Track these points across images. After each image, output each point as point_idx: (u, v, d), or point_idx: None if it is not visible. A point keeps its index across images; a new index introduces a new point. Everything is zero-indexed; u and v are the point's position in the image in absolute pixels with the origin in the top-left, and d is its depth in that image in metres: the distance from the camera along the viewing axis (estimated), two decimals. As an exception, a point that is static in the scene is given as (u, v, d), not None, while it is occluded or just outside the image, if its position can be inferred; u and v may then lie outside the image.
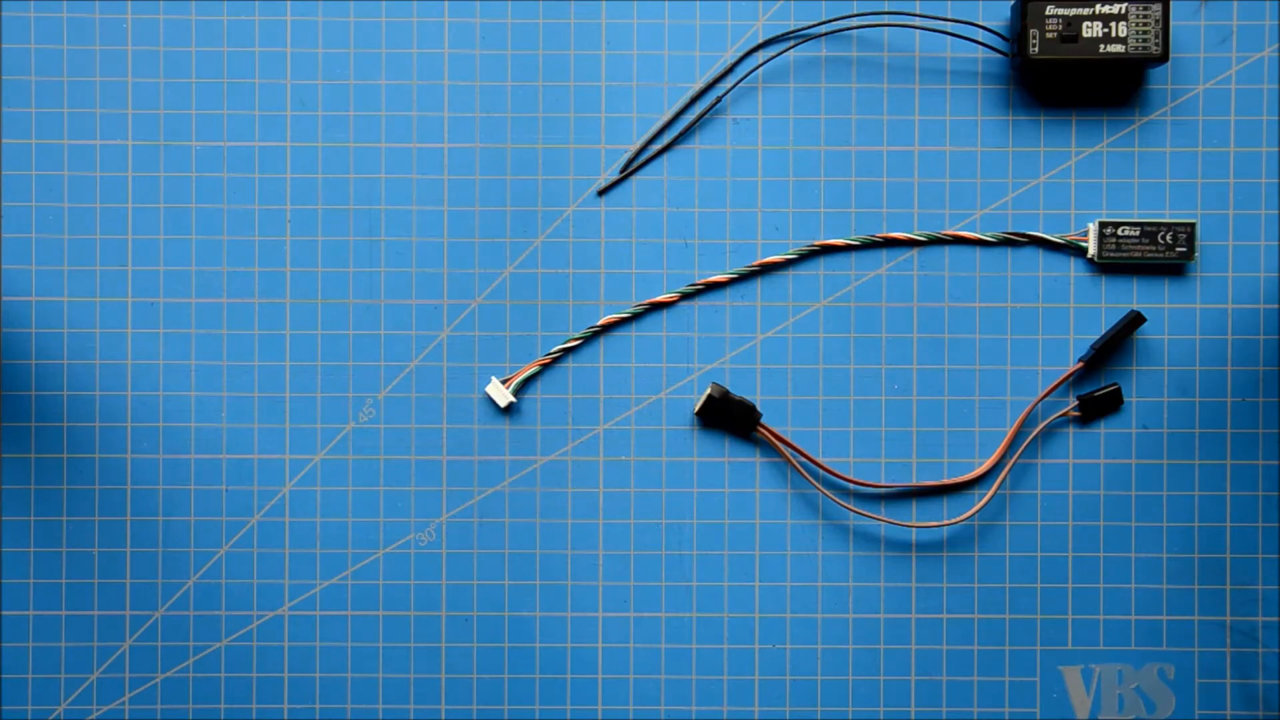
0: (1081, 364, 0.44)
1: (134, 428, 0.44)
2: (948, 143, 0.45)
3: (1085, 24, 0.43)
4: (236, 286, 0.44)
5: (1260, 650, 0.45)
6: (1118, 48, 0.43)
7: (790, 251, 0.45)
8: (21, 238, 0.44)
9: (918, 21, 0.44)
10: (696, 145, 0.45)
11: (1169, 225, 0.44)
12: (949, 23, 0.44)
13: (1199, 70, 0.45)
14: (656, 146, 0.45)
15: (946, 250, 0.45)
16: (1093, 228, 0.44)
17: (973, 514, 0.45)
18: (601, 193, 0.45)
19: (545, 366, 0.44)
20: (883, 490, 0.45)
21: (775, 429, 0.44)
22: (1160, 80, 0.45)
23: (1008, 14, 0.44)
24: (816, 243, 0.45)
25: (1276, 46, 0.44)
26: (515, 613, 0.45)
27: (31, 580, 0.44)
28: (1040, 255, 0.45)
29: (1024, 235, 0.45)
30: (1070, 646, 0.45)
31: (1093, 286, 0.45)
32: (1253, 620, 0.45)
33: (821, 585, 0.45)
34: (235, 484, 0.44)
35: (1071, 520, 0.45)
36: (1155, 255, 0.44)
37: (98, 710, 0.44)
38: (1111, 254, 0.44)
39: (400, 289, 0.44)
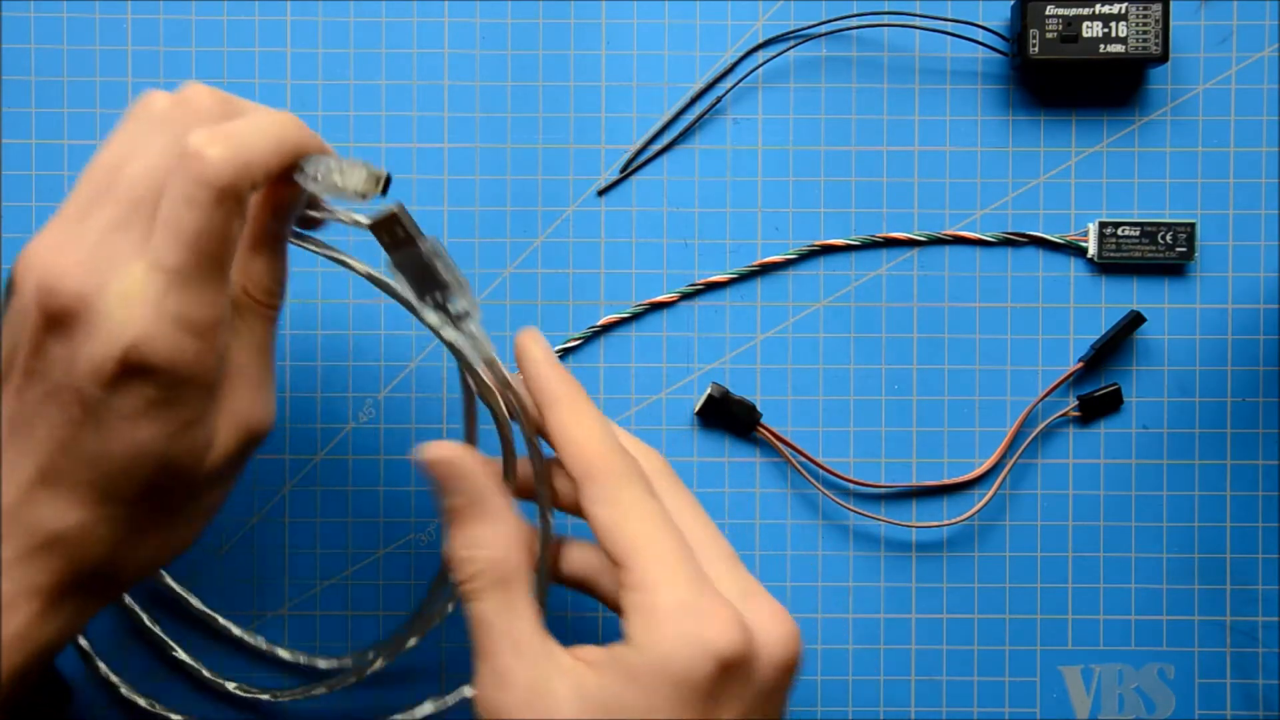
0: (1081, 364, 0.44)
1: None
2: (948, 143, 0.45)
3: (1085, 24, 0.43)
4: (236, 286, 0.44)
5: (1260, 650, 0.45)
6: (1118, 48, 0.43)
7: (790, 251, 0.45)
8: (22, 238, 0.44)
9: (918, 21, 0.44)
10: (696, 145, 0.45)
11: (1169, 225, 0.44)
12: (949, 23, 0.44)
13: (1199, 70, 0.45)
14: (656, 146, 0.45)
15: (946, 250, 0.45)
16: (1093, 228, 0.44)
17: (973, 514, 0.45)
18: (601, 193, 0.45)
19: (545, 366, 0.44)
20: (883, 490, 0.45)
21: (775, 429, 0.44)
22: (1160, 80, 0.45)
23: (1008, 14, 0.44)
24: (816, 243, 0.45)
25: (1276, 46, 0.44)
26: (515, 613, 0.45)
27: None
28: (1040, 255, 0.45)
29: (1024, 235, 0.45)
30: (1070, 646, 0.45)
31: (1093, 286, 0.45)
32: (1253, 620, 0.45)
33: (821, 585, 0.45)
34: (235, 484, 0.44)
35: (1071, 520, 0.45)
36: (1155, 255, 0.44)
37: None
38: (1111, 254, 0.44)
39: (400, 289, 0.44)
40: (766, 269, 0.45)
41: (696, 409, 0.44)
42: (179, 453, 0.32)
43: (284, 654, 0.44)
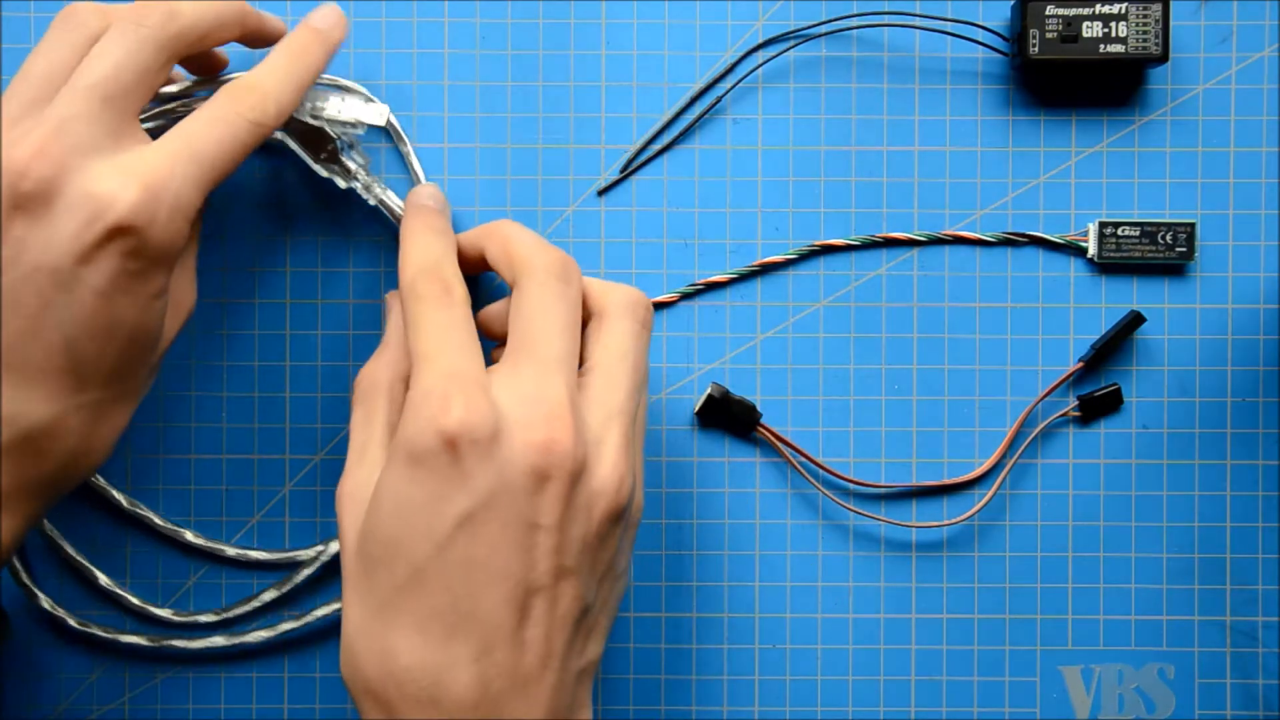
0: (1081, 364, 0.44)
1: (135, 426, 0.44)
2: (948, 143, 0.45)
3: (1085, 24, 0.43)
4: (236, 286, 0.44)
5: (1260, 650, 0.45)
6: (1118, 48, 0.43)
7: (790, 251, 0.45)
8: (21, 238, 0.44)
9: (918, 21, 0.44)
10: (696, 145, 0.45)
11: (1169, 225, 0.44)
12: (949, 23, 0.44)
13: (1199, 70, 0.45)
14: (656, 146, 0.45)
15: (946, 250, 0.45)
16: (1093, 228, 0.44)
17: (973, 514, 0.45)
18: (601, 193, 0.45)
19: (545, 366, 0.44)
20: (883, 490, 0.45)
21: (775, 429, 0.44)
22: (1160, 80, 0.45)
23: (1008, 14, 0.44)
24: (816, 243, 0.45)
25: (1276, 46, 0.44)
26: (515, 613, 0.45)
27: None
28: (1040, 255, 0.45)
29: (1024, 235, 0.45)
30: (1070, 646, 0.45)
31: (1093, 286, 0.45)
32: (1253, 620, 0.45)
33: (821, 585, 0.45)
34: (235, 484, 0.45)
35: (1071, 520, 0.45)
36: (1155, 255, 0.44)
37: None
38: (1111, 254, 0.44)
39: (400, 289, 0.44)
40: (766, 269, 0.45)
41: (696, 409, 0.44)
42: (148, 322, 0.35)
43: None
